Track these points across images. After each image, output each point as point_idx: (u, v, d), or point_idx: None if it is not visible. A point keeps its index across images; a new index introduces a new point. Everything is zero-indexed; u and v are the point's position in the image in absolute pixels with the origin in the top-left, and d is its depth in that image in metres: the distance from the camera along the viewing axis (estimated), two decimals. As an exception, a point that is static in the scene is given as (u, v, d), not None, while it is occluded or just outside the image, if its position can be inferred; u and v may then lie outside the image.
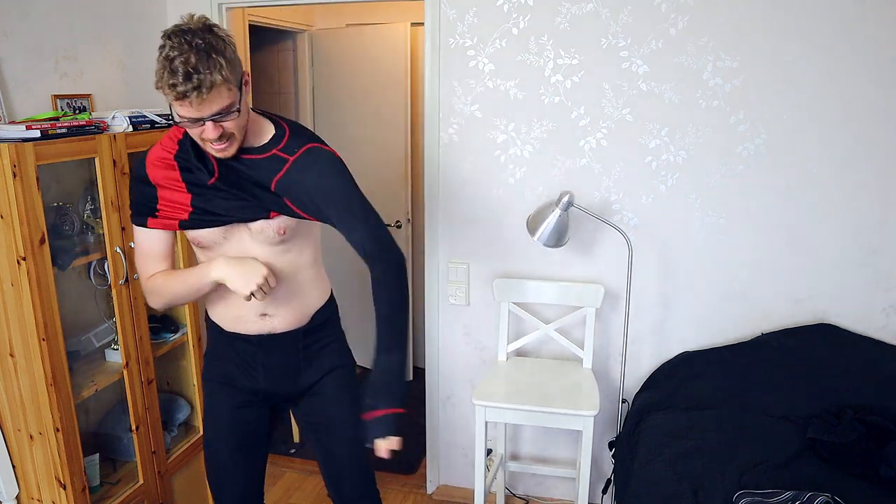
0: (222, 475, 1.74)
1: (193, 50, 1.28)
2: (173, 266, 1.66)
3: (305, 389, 1.73)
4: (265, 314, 1.63)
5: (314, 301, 1.70)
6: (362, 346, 2.30)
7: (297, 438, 3.20)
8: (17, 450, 1.94)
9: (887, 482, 1.76)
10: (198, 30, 1.31)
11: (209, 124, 1.35)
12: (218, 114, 1.34)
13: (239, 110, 1.38)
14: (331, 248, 2.20)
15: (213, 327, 1.72)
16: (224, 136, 1.39)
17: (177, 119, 1.36)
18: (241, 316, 1.64)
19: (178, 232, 1.65)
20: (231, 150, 1.44)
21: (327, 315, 1.74)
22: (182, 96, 1.29)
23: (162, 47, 1.30)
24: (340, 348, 1.78)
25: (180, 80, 1.27)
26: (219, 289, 1.58)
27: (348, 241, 1.53)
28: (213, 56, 1.29)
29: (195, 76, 1.28)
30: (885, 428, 1.90)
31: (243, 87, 1.40)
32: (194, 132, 1.40)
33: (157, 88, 1.32)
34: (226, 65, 1.31)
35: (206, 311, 1.74)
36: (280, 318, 1.65)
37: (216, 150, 1.42)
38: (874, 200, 2.19)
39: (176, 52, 1.28)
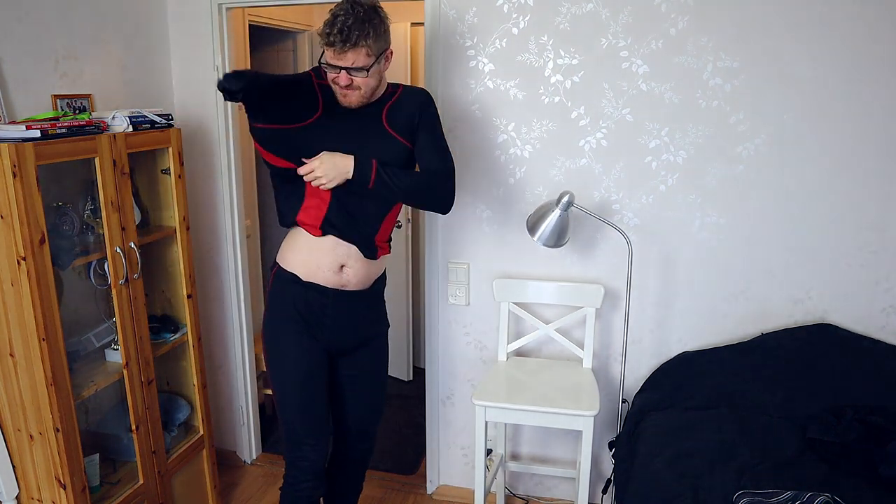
0: (309, 412, 1.94)
1: (353, 14, 1.63)
2: None
3: (357, 345, 2.00)
4: (343, 265, 1.87)
5: (377, 269, 1.97)
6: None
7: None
8: (17, 450, 1.94)
9: (887, 482, 1.76)
10: (365, 3, 1.68)
11: (343, 73, 1.69)
12: (352, 68, 1.68)
13: (368, 73, 1.71)
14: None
15: (286, 277, 1.89)
16: (351, 87, 1.72)
17: (322, 62, 1.70)
18: (322, 266, 1.85)
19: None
20: (352, 100, 1.76)
21: (382, 285, 2.04)
22: (329, 44, 1.65)
23: (334, 6, 1.68)
24: (384, 315, 2.10)
25: (334, 32, 1.63)
26: (307, 236, 1.84)
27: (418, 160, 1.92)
28: (366, 25, 1.65)
29: (345, 33, 1.63)
30: (885, 428, 1.90)
31: (383, 58, 1.75)
32: (330, 76, 1.72)
33: (319, 34, 1.70)
34: (372, 35, 1.66)
35: (275, 264, 1.93)
36: (354, 275, 1.89)
37: (340, 94, 1.75)
38: (874, 200, 2.19)
39: (342, 12, 1.64)
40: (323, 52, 1.70)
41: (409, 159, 1.89)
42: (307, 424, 1.94)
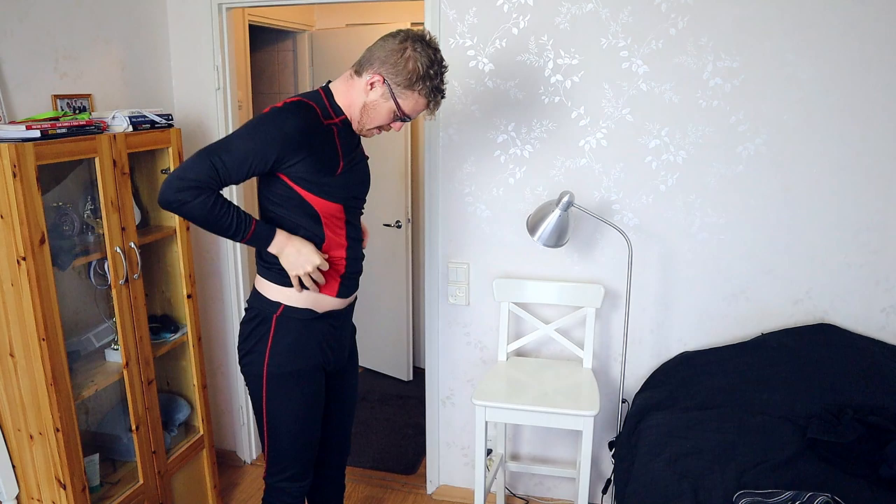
0: (313, 446, 1.89)
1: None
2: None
3: (347, 358, 1.96)
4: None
5: None
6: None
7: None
8: (17, 450, 1.94)
9: (887, 482, 1.76)
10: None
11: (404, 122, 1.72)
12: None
13: None
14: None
15: (302, 316, 1.76)
16: None
17: (406, 117, 1.68)
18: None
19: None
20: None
21: None
22: (436, 103, 1.68)
23: (435, 53, 1.63)
24: None
25: (442, 94, 1.67)
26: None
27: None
28: None
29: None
30: (885, 428, 1.90)
31: None
32: (386, 123, 1.70)
33: (414, 85, 1.62)
34: None
35: (275, 304, 1.74)
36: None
37: (375, 133, 1.74)
38: (874, 200, 2.19)
39: (445, 71, 1.67)
40: (395, 102, 1.64)
41: None
42: (307, 457, 1.87)
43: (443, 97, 1.69)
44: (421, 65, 1.59)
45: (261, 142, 1.56)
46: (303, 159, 1.59)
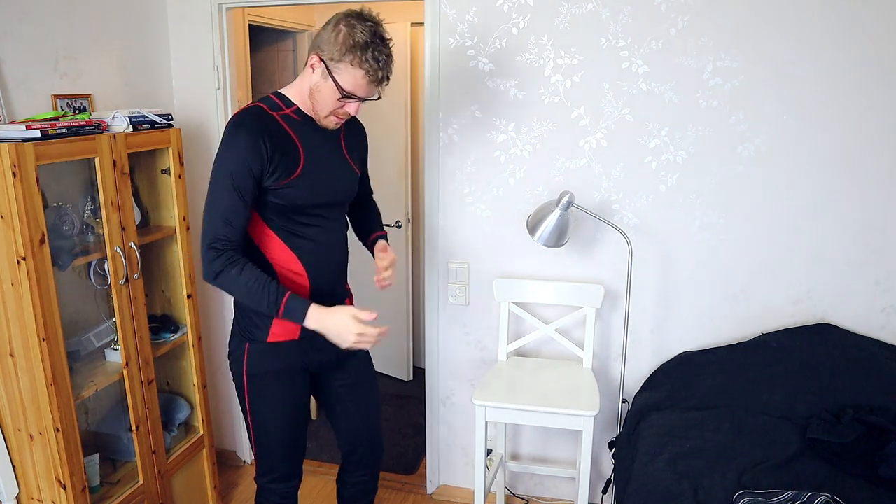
0: (296, 447, 1.88)
1: (390, 51, 1.61)
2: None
3: (337, 357, 1.86)
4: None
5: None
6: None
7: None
8: (17, 450, 1.94)
9: (887, 482, 1.76)
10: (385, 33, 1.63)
11: (359, 104, 1.66)
12: (370, 98, 1.66)
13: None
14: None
15: (278, 340, 1.78)
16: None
17: (345, 94, 1.61)
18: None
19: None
20: (340, 123, 1.73)
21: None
22: (376, 81, 1.61)
23: (366, 24, 1.57)
24: None
25: (383, 71, 1.60)
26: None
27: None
28: None
29: (390, 71, 1.62)
30: (885, 428, 1.90)
31: None
32: (336, 107, 1.65)
33: (345, 56, 1.56)
34: None
35: (246, 338, 1.78)
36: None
37: (338, 122, 1.70)
38: (874, 200, 2.19)
39: (385, 50, 1.59)
40: (335, 82, 1.60)
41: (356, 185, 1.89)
42: (292, 458, 1.88)
43: (383, 70, 1.60)
44: (350, 36, 1.56)
45: (232, 168, 1.59)
46: (272, 156, 1.61)
